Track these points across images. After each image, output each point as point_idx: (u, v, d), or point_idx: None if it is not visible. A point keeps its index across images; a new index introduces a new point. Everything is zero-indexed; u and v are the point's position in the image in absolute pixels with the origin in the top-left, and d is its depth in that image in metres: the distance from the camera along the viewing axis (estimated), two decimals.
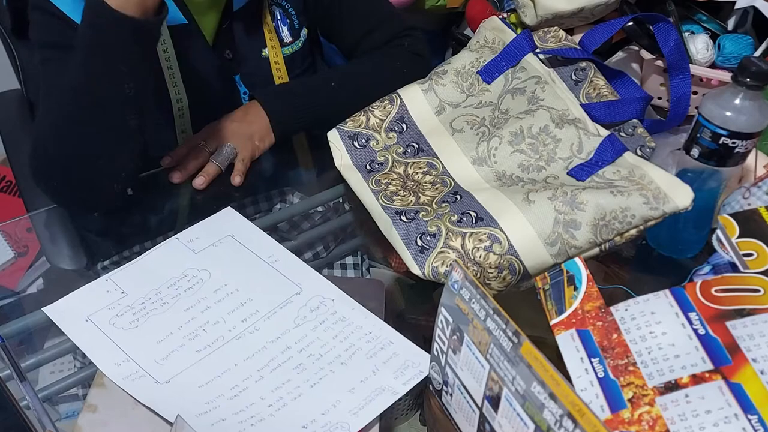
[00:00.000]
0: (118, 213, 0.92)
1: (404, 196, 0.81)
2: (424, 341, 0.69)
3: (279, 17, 1.03)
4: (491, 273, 0.72)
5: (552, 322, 0.64)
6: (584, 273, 0.65)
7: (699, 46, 0.93)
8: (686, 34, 0.95)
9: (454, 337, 0.58)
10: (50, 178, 0.85)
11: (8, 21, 1.12)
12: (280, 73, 1.05)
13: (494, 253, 0.72)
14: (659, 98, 0.97)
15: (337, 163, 0.89)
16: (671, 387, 0.57)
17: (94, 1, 0.76)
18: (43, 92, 0.86)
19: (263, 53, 1.04)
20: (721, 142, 0.76)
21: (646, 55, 0.95)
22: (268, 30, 1.02)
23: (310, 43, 1.10)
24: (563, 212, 0.72)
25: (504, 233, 0.72)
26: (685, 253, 0.81)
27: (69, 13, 0.86)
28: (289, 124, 0.98)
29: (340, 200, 0.97)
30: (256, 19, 1.01)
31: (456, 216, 0.75)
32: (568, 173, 0.77)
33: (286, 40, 1.05)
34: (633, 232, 0.73)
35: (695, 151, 0.78)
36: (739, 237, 0.68)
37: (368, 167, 0.86)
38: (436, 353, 0.62)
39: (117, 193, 0.87)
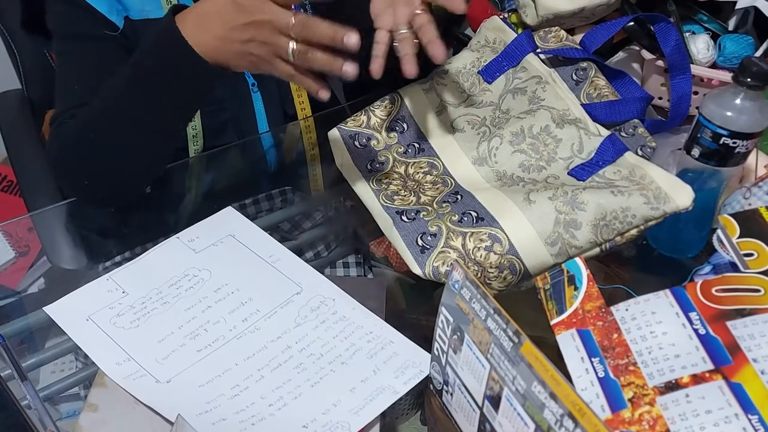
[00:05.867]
0: (120, 212, 0.92)
1: (405, 195, 0.81)
2: (425, 341, 0.69)
3: (293, 6, 1.02)
4: (492, 273, 0.72)
5: (552, 322, 0.64)
6: (585, 273, 0.65)
7: (700, 46, 0.93)
8: (687, 34, 0.95)
9: (455, 336, 0.58)
10: (78, 174, 0.85)
11: (10, 19, 1.12)
12: None
13: (495, 253, 0.72)
14: (660, 98, 0.97)
15: (337, 162, 0.89)
16: (672, 387, 0.57)
17: (171, 35, 0.74)
18: (85, 86, 0.86)
19: None
20: (721, 142, 0.76)
21: (646, 55, 0.95)
22: None
23: None
24: (564, 212, 0.72)
25: (505, 233, 0.72)
26: (685, 253, 0.81)
27: (91, 2, 0.86)
28: None
29: (341, 200, 0.97)
30: None
31: (457, 216, 0.75)
32: (568, 173, 0.77)
33: None
34: (634, 232, 0.73)
35: (696, 151, 0.78)
36: (739, 237, 0.68)
37: (369, 167, 0.86)
38: (436, 353, 0.62)
39: (140, 190, 0.88)
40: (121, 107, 0.80)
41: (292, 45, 0.69)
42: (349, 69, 0.69)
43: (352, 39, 0.69)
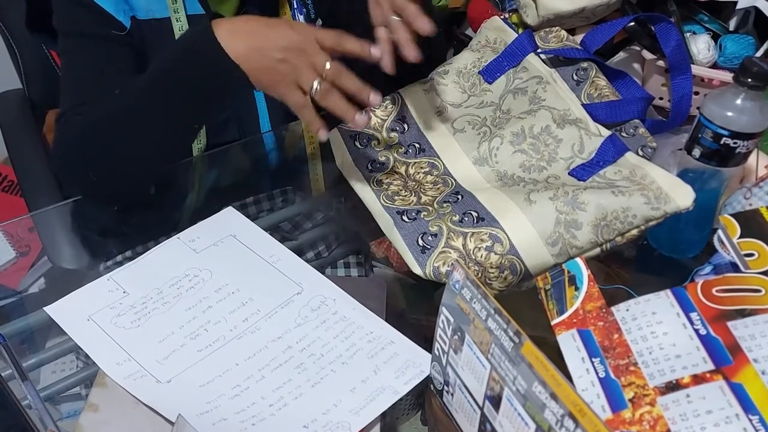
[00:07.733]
0: (120, 212, 0.92)
1: (405, 196, 0.81)
2: (425, 341, 0.69)
3: (295, 6, 1.02)
4: (492, 273, 0.72)
5: (553, 322, 0.64)
6: (585, 273, 0.65)
7: (700, 46, 0.93)
8: (688, 34, 0.95)
9: (455, 336, 0.58)
10: (84, 171, 0.85)
11: (11, 18, 1.12)
12: None
13: (495, 253, 0.72)
14: (661, 98, 0.97)
15: (338, 162, 0.89)
16: (672, 387, 0.57)
17: (205, 36, 0.74)
18: (84, 84, 0.87)
19: None
20: (722, 142, 0.76)
21: (647, 55, 0.95)
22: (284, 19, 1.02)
23: None
24: (564, 212, 0.72)
25: (505, 233, 0.72)
26: (686, 253, 0.81)
27: (99, 1, 0.87)
28: None
29: (342, 200, 0.97)
30: (273, 9, 1.01)
31: (457, 216, 0.75)
32: (569, 173, 0.77)
33: None
34: (634, 232, 0.73)
35: (696, 152, 0.78)
36: (740, 237, 0.68)
37: (369, 167, 0.86)
38: (437, 353, 0.62)
39: (145, 189, 0.89)
40: (137, 108, 0.81)
41: (317, 81, 0.72)
42: (360, 120, 0.72)
43: (374, 98, 0.73)
